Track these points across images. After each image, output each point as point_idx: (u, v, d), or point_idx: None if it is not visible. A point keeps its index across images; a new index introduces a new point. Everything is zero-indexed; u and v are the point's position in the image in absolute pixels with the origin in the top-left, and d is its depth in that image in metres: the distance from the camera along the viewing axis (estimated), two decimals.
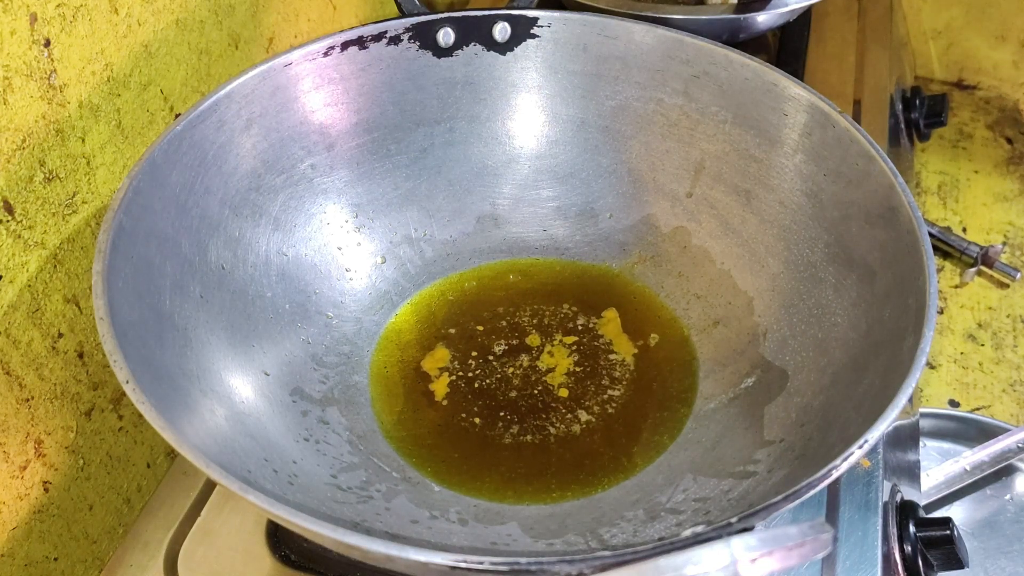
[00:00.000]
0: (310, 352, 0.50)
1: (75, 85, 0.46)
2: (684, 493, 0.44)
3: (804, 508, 0.46)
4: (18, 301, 0.44)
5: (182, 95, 0.54)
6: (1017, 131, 0.98)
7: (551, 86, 0.57)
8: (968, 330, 0.81)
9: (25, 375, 0.45)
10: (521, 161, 0.58)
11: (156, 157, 0.45)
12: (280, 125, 0.51)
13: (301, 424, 0.46)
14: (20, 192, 0.44)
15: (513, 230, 0.58)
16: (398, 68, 0.55)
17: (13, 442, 0.45)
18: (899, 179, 0.45)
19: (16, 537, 0.46)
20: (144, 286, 0.42)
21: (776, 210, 0.52)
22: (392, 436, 0.48)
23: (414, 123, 0.56)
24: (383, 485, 0.45)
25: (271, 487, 0.40)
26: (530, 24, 0.56)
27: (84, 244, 0.48)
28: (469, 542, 0.43)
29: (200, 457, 0.33)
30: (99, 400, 0.51)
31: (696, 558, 0.30)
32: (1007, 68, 1.01)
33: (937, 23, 1.00)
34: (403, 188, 0.57)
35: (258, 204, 0.51)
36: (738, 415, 0.47)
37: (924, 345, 0.38)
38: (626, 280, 0.56)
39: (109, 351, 0.36)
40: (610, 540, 0.42)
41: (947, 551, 0.48)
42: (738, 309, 0.52)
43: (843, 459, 0.34)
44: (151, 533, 0.48)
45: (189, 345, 0.44)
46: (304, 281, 0.52)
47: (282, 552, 0.46)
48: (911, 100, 0.84)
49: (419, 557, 0.31)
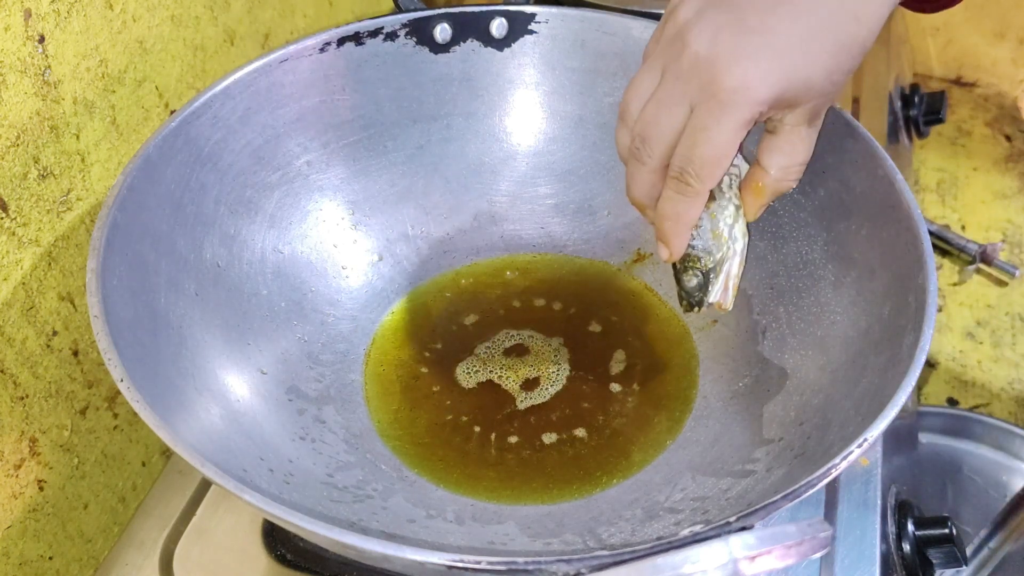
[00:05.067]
0: (306, 350, 0.50)
1: (69, 81, 0.46)
2: (682, 492, 0.43)
3: (803, 506, 0.46)
4: (12, 299, 0.44)
5: (177, 91, 0.54)
6: (1016, 128, 0.98)
7: (549, 82, 0.57)
8: (967, 328, 0.80)
9: (19, 373, 0.45)
10: (518, 158, 0.58)
11: (151, 154, 0.44)
12: (276, 121, 0.51)
13: (297, 423, 0.46)
14: (14, 189, 0.43)
15: (510, 227, 0.58)
16: (395, 64, 0.54)
17: (7, 440, 0.45)
18: (898, 176, 0.44)
19: (11, 536, 0.46)
20: (139, 284, 0.42)
21: (774, 207, 0.51)
22: (388, 435, 0.48)
23: (411, 119, 0.56)
24: (379, 484, 0.45)
25: (267, 486, 0.40)
26: (527, 20, 0.56)
27: (78, 241, 0.48)
28: (466, 541, 0.42)
29: (195, 456, 0.33)
30: (94, 398, 0.51)
31: (694, 557, 0.30)
32: (1006, 65, 1.00)
33: (936, 20, 1.00)
34: (399, 185, 0.56)
35: (253, 201, 0.50)
36: (737, 414, 0.47)
37: (924, 343, 0.37)
38: (624, 277, 0.56)
39: (104, 349, 0.36)
40: (608, 539, 0.42)
41: (947, 550, 0.48)
42: (737, 307, 0.52)
43: (842, 458, 0.34)
44: (146, 532, 0.48)
45: (184, 343, 0.43)
46: (300, 279, 0.52)
47: (278, 551, 0.46)
48: (910, 97, 0.84)
49: (416, 557, 0.31)
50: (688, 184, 0.38)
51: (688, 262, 0.41)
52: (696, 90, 0.36)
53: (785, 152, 0.39)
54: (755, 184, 0.40)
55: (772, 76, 0.35)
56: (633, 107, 0.39)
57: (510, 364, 0.51)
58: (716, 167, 0.37)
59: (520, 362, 0.51)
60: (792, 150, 0.39)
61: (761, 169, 0.40)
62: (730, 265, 0.41)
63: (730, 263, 0.41)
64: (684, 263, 0.42)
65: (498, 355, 0.52)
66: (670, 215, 0.39)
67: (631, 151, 0.40)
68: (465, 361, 0.52)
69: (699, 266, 0.41)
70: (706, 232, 0.41)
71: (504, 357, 0.52)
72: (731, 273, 0.42)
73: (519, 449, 0.47)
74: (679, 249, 0.40)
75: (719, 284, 0.42)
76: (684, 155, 0.37)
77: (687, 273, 0.42)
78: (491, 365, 0.51)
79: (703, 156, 0.37)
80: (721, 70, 0.35)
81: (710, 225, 0.41)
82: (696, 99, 0.36)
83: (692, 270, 0.41)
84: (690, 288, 0.42)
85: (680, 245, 0.40)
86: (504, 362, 0.51)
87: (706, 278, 0.41)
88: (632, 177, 0.40)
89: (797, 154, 0.39)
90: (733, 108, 0.35)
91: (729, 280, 0.42)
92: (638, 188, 0.40)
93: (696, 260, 0.41)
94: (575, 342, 0.53)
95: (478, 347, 0.52)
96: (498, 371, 0.51)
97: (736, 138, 0.36)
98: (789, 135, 0.38)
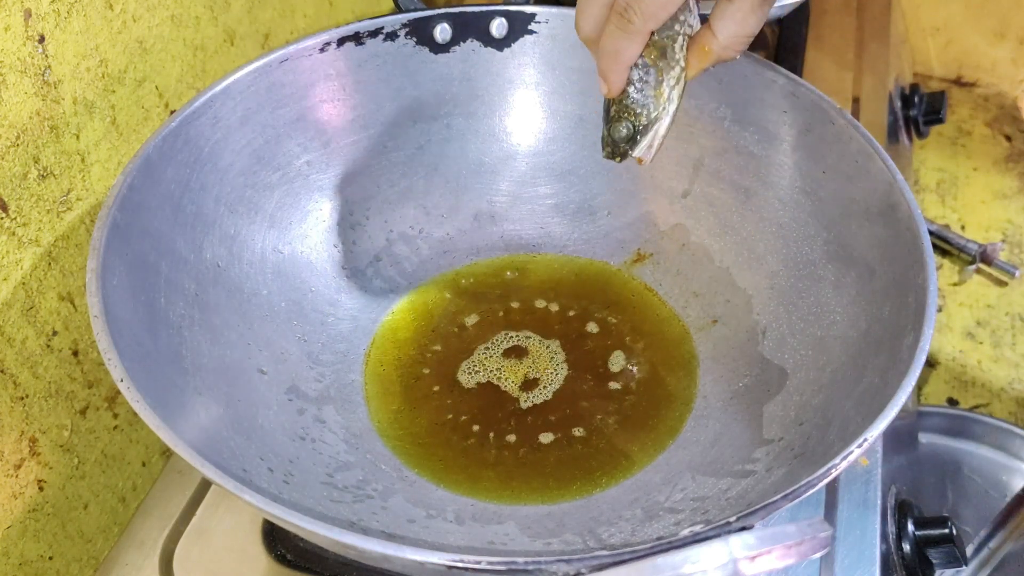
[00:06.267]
0: (306, 350, 0.50)
1: (69, 81, 0.46)
2: (683, 492, 0.43)
3: (803, 506, 0.46)
4: (12, 299, 0.44)
5: (177, 91, 0.54)
6: (1016, 128, 0.98)
7: (549, 82, 0.57)
8: (967, 328, 0.80)
9: (19, 373, 0.45)
10: (518, 158, 0.58)
11: (151, 154, 0.44)
12: (276, 121, 0.51)
13: (297, 423, 0.46)
14: (14, 189, 0.43)
15: (510, 227, 0.58)
16: (395, 64, 0.54)
17: (7, 440, 0.45)
18: (898, 176, 0.44)
19: (11, 536, 0.46)
20: (139, 284, 0.42)
21: (775, 207, 0.51)
22: (388, 435, 0.48)
23: (411, 120, 0.56)
24: (379, 484, 0.45)
25: (267, 486, 0.40)
26: (527, 20, 0.56)
27: (79, 241, 0.48)
28: (466, 541, 0.42)
29: (195, 456, 0.33)
30: (94, 398, 0.51)
31: (694, 557, 0.30)
32: (1006, 65, 1.00)
33: (936, 20, 1.00)
34: (399, 185, 0.56)
35: (253, 201, 0.50)
36: (737, 414, 0.47)
37: (924, 343, 0.37)
38: (624, 277, 0.56)
39: (103, 349, 0.36)
40: (608, 539, 0.42)
41: (947, 550, 0.48)
42: (737, 307, 0.52)
43: (842, 458, 0.34)
44: (146, 532, 0.48)
45: (184, 343, 0.43)
46: (300, 279, 0.52)
47: (278, 551, 0.46)
48: (910, 97, 0.84)
49: (416, 557, 0.31)
50: (630, 21, 0.38)
51: (624, 112, 0.42)
52: None
53: (736, 20, 0.40)
54: (702, 47, 0.41)
55: None
56: None
57: (510, 364, 0.51)
58: (661, 10, 0.38)
59: (520, 362, 0.51)
60: (743, 20, 0.40)
61: (710, 33, 0.40)
62: (659, 125, 0.42)
63: (660, 123, 0.42)
64: (620, 112, 0.42)
65: (498, 355, 0.52)
66: (610, 51, 0.40)
67: None
68: (465, 361, 0.52)
69: (633, 119, 0.42)
70: (649, 89, 0.41)
71: (504, 357, 0.52)
72: (659, 133, 0.42)
73: (519, 449, 0.47)
74: (617, 86, 0.41)
75: (646, 140, 0.42)
76: None
77: (620, 122, 0.42)
78: (491, 365, 0.51)
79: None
80: None
81: (654, 82, 0.41)
82: None
83: (625, 120, 0.42)
84: (618, 138, 0.42)
85: (618, 82, 0.41)
86: (504, 362, 0.51)
87: (636, 131, 0.42)
88: (582, 8, 0.41)
89: (747, 25, 0.40)
90: None
91: (655, 139, 0.42)
92: (586, 21, 0.40)
93: (632, 112, 0.42)
94: (575, 342, 0.53)
95: (478, 347, 0.52)
96: (498, 371, 0.51)
97: None
98: (742, 5, 0.39)
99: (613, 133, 0.42)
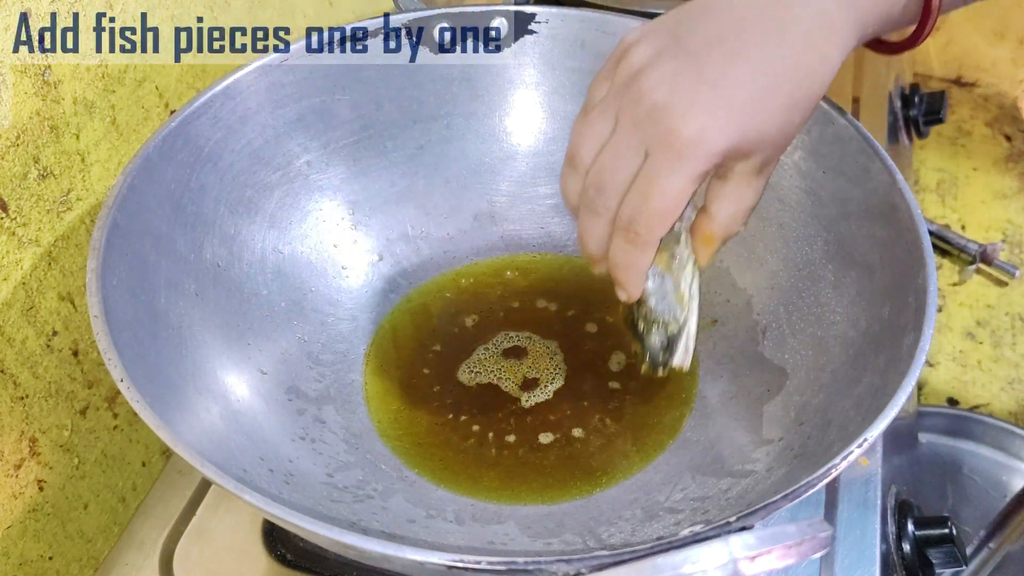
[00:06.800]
0: (306, 350, 0.50)
1: (69, 81, 0.46)
2: (683, 492, 0.43)
3: (803, 506, 0.46)
4: (12, 299, 0.44)
5: (177, 91, 0.54)
6: (1016, 128, 0.98)
7: (549, 82, 0.57)
8: (967, 328, 0.80)
9: (19, 373, 0.45)
10: (518, 158, 0.58)
11: (151, 154, 0.44)
12: (276, 121, 0.51)
13: (297, 423, 0.46)
14: (14, 189, 0.43)
15: (510, 227, 0.58)
16: (395, 64, 0.54)
17: (7, 440, 0.45)
18: (898, 176, 0.44)
19: (11, 536, 0.46)
20: (139, 284, 0.42)
21: (775, 207, 0.51)
22: (388, 435, 0.48)
23: (411, 120, 0.56)
24: (380, 484, 0.45)
25: (267, 486, 0.40)
26: (527, 20, 0.56)
27: (78, 241, 0.48)
28: (466, 541, 0.42)
29: (195, 456, 0.33)
30: (94, 398, 0.51)
31: (694, 557, 0.30)
32: (1006, 65, 1.00)
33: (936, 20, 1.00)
34: (400, 185, 0.56)
35: (254, 201, 0.50)
36: (737, 414, 0.47)
37: (924, 343, 0.37)
38: None
39: (103, 349, 0.36)
40: (608, 539, 0.42)
41: (947, 550, 0.48)
42: (737, 307, 0.52)
43: (842, 458, 0.34)
44: (146, 532, 0.48)
45: (184, 343, 0.43)
46: (300, 279, 0.52)
47: (278, 551, 0.46)
48: (910, 97, 0.84)
49: (416, 557, 0.31)
50: (638, 234, 0.37)
51: (653, 325, 0.41)
52: (652, 139, 0.35)
53: (733, 199, 0.38)
54: (705, 232, 0.39)
55: (728, 130, 0.35)
56: (585, 153, 0.38)
57: (510, 364, 0.51)
58: (666, 218, 0.36)
59: (520, 362, 0.51)
60: (741, 197, 0.38)
61: (709, 216, 0.39)
62: (689, 324, 0.41)
63: (689, 323, 0.41)
64: (648, 325, 0.41)
65: (498, 355, 0.52)
66: (622, 264, 0.38)
67: (585, 200, 0.38)
68: (465, 361, 0.52)
69: (664, 329, 0.41)
70: (670, 295, 0.40)
71: (504, 357, 0.52)
72: (691, 333, 0.41)
73: (519, 449, 0.47)
74: (637, 292, 0.40)
75: (681, 345, 0.41)
76: (635, 206, 0.36)
77: (651, 335, 0.41)
78: (491, 365, 0.51)
79: (654, 207, 0.36)
80: (679, 121, 0.34)
81: (672, 287, 0.40)
82: (652, 147, 0.35)
83: (656, 332, 0.41)
84: (655, 350, 0.41)
85: (637, 288, 0.39)
86: (504, 362, 0.51)
87: (671, 339, 0.41)
88: (587, 229, 0.39)
89: (745, 200, 0.38)
90: (688, 159, 0.35)
91: (689, 341, 0.41)
92: (594, 241, 0.39)
93: (660, 323, 0.41)
94: (575, 342, 0.53)
95: (478, 347, 0.52)
96: (498, 371, 0.51)
97: (689, 189, 0.35)
98: (738, 182, 0.38)
99: (648, 347, 0.41)
